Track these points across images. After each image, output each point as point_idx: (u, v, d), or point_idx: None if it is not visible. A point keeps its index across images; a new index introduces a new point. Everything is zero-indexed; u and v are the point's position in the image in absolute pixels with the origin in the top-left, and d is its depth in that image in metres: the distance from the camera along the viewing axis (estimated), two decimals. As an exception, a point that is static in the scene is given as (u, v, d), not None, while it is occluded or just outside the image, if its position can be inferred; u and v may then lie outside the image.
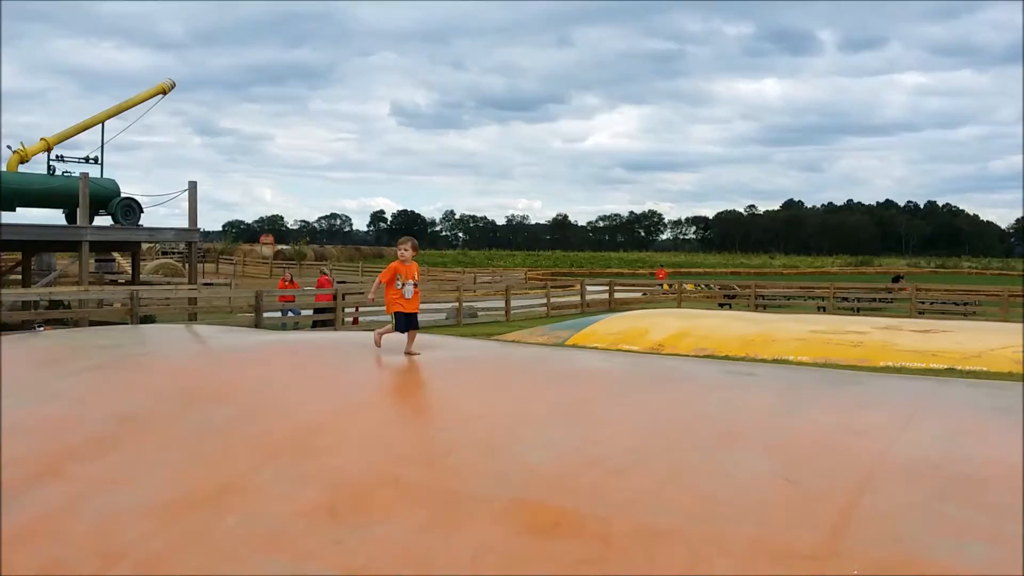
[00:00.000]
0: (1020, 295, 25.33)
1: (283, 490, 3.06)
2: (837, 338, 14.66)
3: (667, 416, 3.69)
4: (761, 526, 2.56)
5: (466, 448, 3.30)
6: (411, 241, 5.25)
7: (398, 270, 5.13)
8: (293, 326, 19.85)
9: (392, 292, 5.12)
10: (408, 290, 5.10)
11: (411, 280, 5.14)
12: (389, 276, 5.17)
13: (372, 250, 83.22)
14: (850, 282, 41.24)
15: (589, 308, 27.40)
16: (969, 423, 3.41)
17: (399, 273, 5.12)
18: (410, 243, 5.23)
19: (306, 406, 3.92)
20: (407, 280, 5.11)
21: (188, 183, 23.64)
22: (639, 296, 33.34)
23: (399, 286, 5.10)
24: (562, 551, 2.53)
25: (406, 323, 5.06)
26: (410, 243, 5.23)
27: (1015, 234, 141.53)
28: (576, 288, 30.46)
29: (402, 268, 5.13)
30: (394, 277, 5.13)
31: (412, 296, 5.10)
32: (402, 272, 5.12)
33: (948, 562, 2.31)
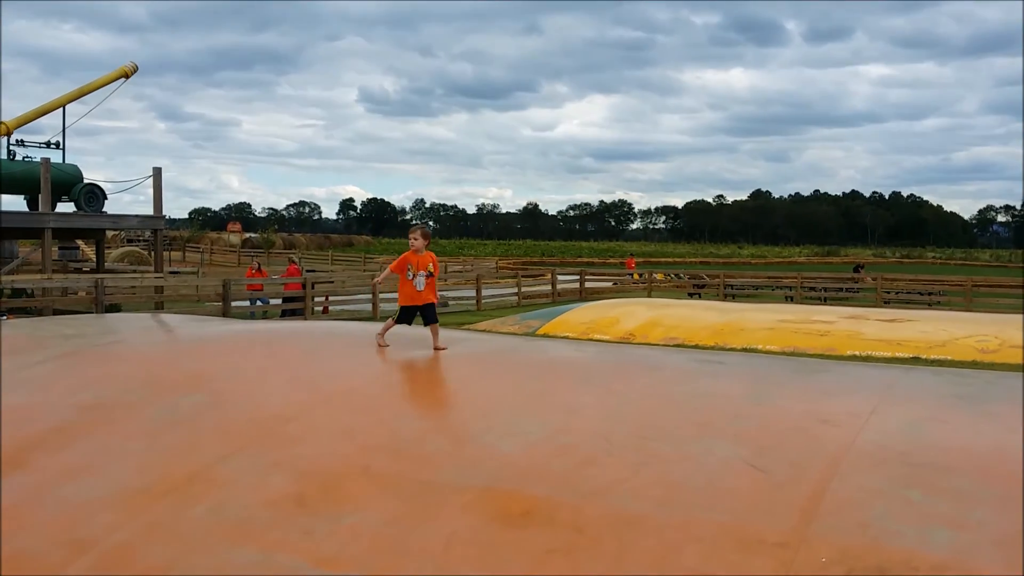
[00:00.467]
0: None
1: (251, 480, 3.03)
2: (805, 327, 14.83)
3: (637, 405, 3.71)
4: (730, 513, 2.58)
5: (437, 437, 3.29)
6: (421, 229, 5.04)
7: (409, 260, 4.92)
8: (262, 315, 19.67)
9: (405, 284, 4.92)
10: (420, 281, 4.88)
11: (423, 271, 4.91)
12: (400, 266, 4.96)
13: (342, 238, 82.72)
14: (817, 272, 41.73)
15: (560, 297, 27.48)
16: (934, 411, 3.46)
17: (410, 263, 4.91)
18: (420, 231, 5.01)
19: (275, 395, 3.89)
20: (419, 271, 4.90)
21: (152, 169, 23.34)
22: (610, 286, 33.48)
23: (410, 277, 4.90)
24: (533, 540, 2.53)
25: (424, 316, 4.87)
26: (420, 231, 5.01)
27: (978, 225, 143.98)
28: (547, 278, 30.52)
29: (414, 258, 4.91)
30: (406, 268, 4.93)
31: (425, 288, 4.89)
32: (413, 262, 4.90)
33: (913, 548, 2.35)
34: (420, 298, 4.89)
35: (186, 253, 52.95)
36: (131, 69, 25.87)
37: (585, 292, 29.25)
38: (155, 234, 25.15)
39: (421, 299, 4.89)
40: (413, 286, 4.89)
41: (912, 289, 28.54)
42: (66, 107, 24.45)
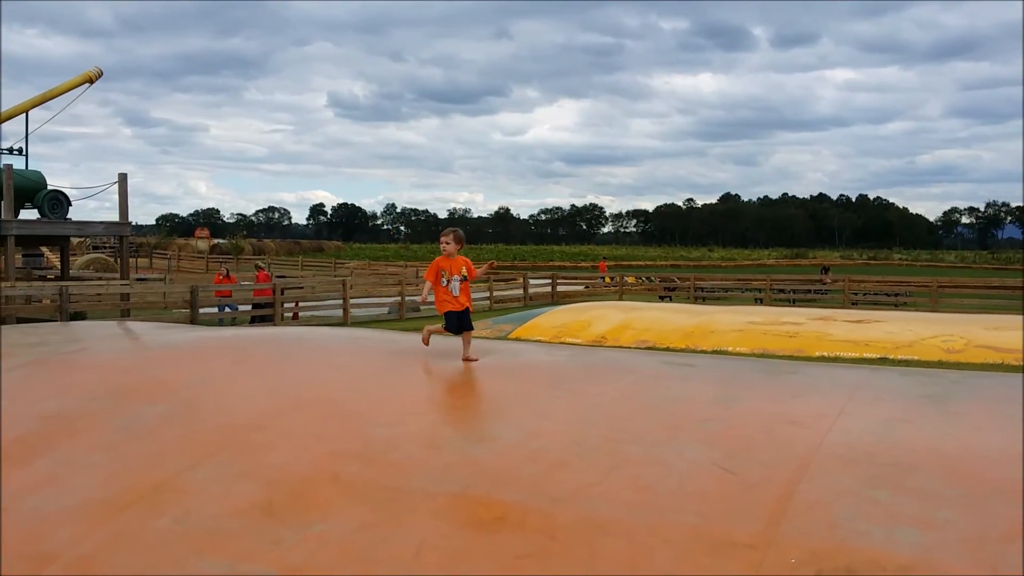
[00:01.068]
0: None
1: (219, 489, 2.99)
2: (774, 329, 14.96)
3: (608, 408, 3.71)
4: (701, 516, 2.59)
5: (407, 443, 3.26)
6: (454, 233, 4.84)
7: (441, 266, 4.75)
8: (230, 322, 19.47)
9: (440, 290, 4.77)
10: (455, 286, 4.74)
11: (457, 275, 4.75)
12: (433, 273, 4.79)
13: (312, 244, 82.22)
14: (786, 274, 42.12)
15: (532, 301, 27.49)
16: (901, 411, 3.50)
17: (443, 269, 4.75)
18: (452, 235, 4.82)
19: (243, 403, 3.84)
20: (452, 276, 4.74)
21: (118, 175, 23.02)
22: (581, 289, 33.56)
23: (444, 283, 4.74)
24: (505, 545, 2.52)
25: (458, 323, 4.72)
26: (452, 235, 4.82)
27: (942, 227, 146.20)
28: (519, 281, 30.52)
29: (446, 263, 4.75)
30: (439, 274, 4.76)
31: (460, 292, 4.75)
32: (446, 267, 4.75)
33: (881, 548, 2.36)
34: (457, 303, 4.74)
35: (153, 260, 52.36)
36: (96, 74, 25.49)
37: (557, 296, 29.28)
38: (121, 241, 24.80)
39: (459, 304, 4.74)
40: (449, 291, 4.74)
41: (879, 290, 28.89)
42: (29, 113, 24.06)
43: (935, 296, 25.62)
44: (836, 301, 26.26)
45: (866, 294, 28.04)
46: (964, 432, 3.26)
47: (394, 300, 23.51)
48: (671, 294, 30.90)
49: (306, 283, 27.53)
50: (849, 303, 25.57)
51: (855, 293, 27.46)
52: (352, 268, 47.62)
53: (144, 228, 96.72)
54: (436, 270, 4.77)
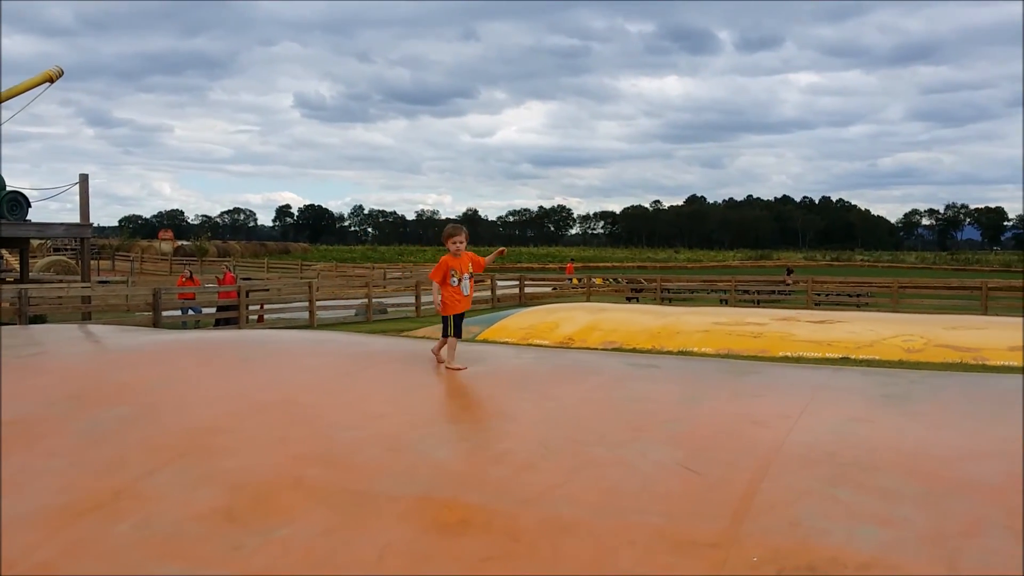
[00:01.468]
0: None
1: (179, 494, 2.95)
2: (738, 330, 15.10)
3: (574, 410, 3.72)
4: (664, 516, 2.60)
5: (371, 447, 3.25)
6: (464, 231, 4.76)
7: (451, 265, 4.65)
8: (194, 325, 19.24)
9: (448, 290, 4.65)
10: (465, 285, 4.65)
11: (467, 273, 4.67)
12: (441, 273, 4.66)
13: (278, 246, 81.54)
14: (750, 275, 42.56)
15: (499, 303, 27.48)
16: (861, 410, 3.55)
17: (452, 268, 4.65)
18: (464, 233, 4.74)
19: (205, 407, 3.80)
20: (462, 274, 4.64)
21: (79, 176, 22.64)
22: (549, 291, 33.63)
23: (455, 283, 4.63)
24: (469, 548, 2.51)
25: (458, 325, 4.61)
26: (464, 233, 4.74)
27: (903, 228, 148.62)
28: (486, 283, 30.51)
29: (454, 262, 4.66)
30: (447, 273, 4.65)
31: (469, 292, 4.68)
32: (456, 266, 4.66)
33: (841, 546, 2.39)
34: (465, 303, 4.66)
35: (115, 262, 51.58)
36: (56, 73, 25.03)
37: (525, 297, 29.31)
38: (82, 243, 24.39)
39: (465, 305, 4.66)
40: (459, 291, 4.64)
41: (841, 291, 29.29)
42: (-13, 112, 23.57)
43: (896, 296, 26.03)
44: (799, 302, 26.58)
45: (829, 295, 28.41)
46: (923, 431, 3.31)
47: (361, 302, 23.38)
48: (638, 295, 31.08)
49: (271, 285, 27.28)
50: (812, 304, 25.89)
51: (818, 294, 27.81)
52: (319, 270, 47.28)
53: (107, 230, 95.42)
54: (445, 270, 4.64)
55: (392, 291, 29.73)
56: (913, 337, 14.23)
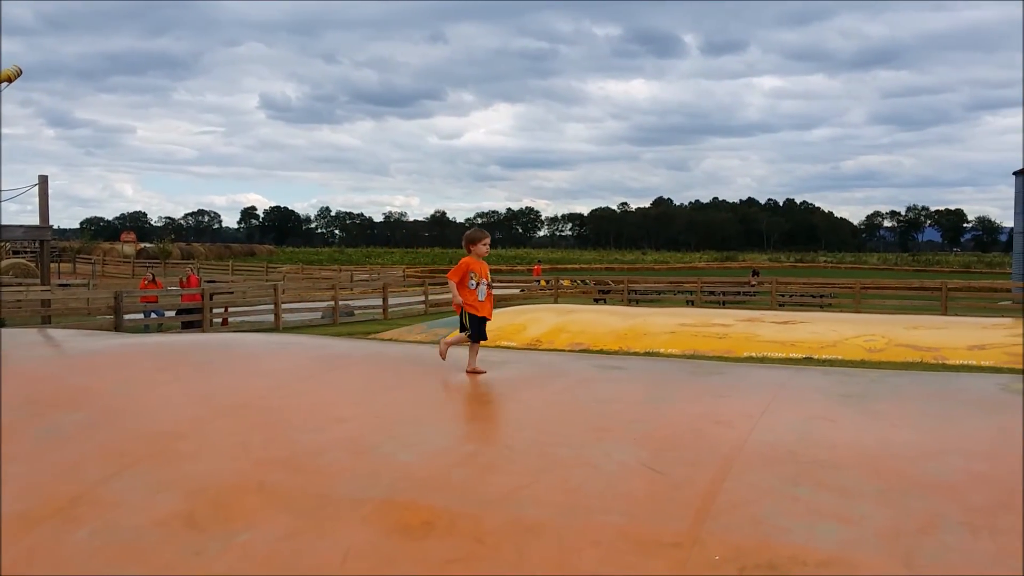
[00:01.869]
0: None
1: (139, 499, 2.91)
2: (704, 331, 15.22)
3: (539, 412, 3.72)
4: (628, 516, 2.61)
5: (335, 450, 3.22)
6: (489, 236, 4.65)
7: (472, 267, 4.51)
8: (157, 328, 18.97)
9: (465, 292, 4.52)
10: (482, 291, 4.51)
11: (485, 280, 4.55)
12: (461, 274, 4.51)
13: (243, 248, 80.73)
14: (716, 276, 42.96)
15: (467, 305, 27.43)
16: (822, 410, 3.59)
17: (472, 271, 4.50)
18: (488, 237, 4.62)
19: (166, 411, 3.75)
20: (481, 279, 4.52)
21: (39, 177, 22.23)
22: (517, 292, 33.65)
23: (472, 286, 4.51)
24: (433, 550, 2.51)
25: (480, 330, 4.49)
26: (488, 237, 4.62)
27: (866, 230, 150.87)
28: (454, 285, 30.43)
29: (476, 265, 4.52)
30: (467, 275, 4.50)
31: (486, 298, 4.55)
32: (476, 270, 4.51)
33: (801, 544, 2.42)
34: (483, 308, 4.53)
35: (77, 264, 50.71)
36: (15, 72, 24.56)
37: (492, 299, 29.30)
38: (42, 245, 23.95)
39: (484, 310, 4.53)
40: (475, 295, 4.52)
41: (805, 292, 29.65)
42: (-58, 111, 23.09)
43: (858, 297, 26.41)
44: (764, 303, 26.87)
45: (793, 295, 28.74)
46: (882, 429, 3.36)
47: (328, 305, 23.22)
48: (605, 297, 31.21)
49: (236, 288, 26.99)
50: (776, 304, 26.18)
51: (782, 295, 28.13)
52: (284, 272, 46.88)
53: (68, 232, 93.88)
54: (465, 271, 4.52)
55: (359, 293, 29.56)
56: (875, 337, 14.45)
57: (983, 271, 64.97)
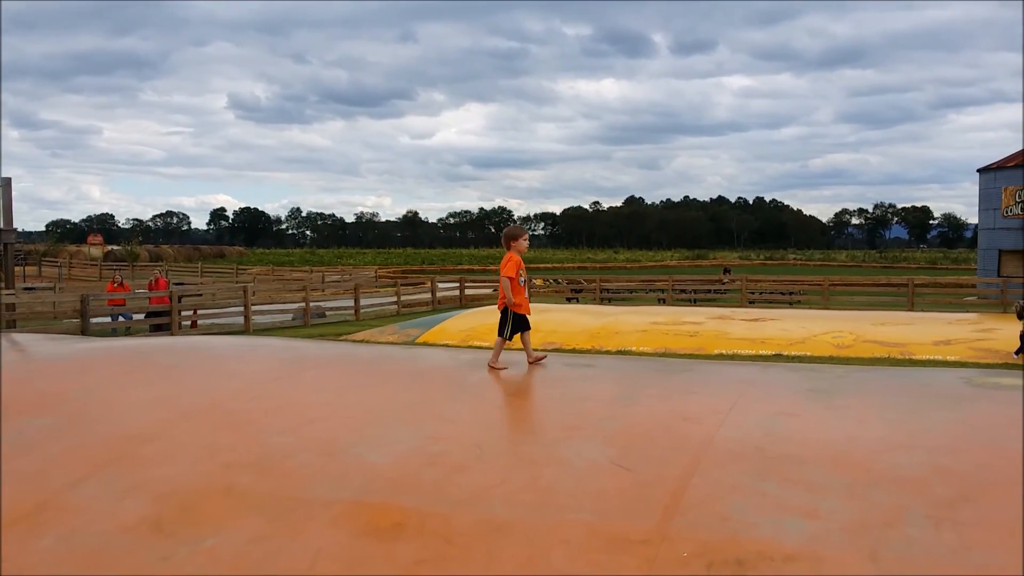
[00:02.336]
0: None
1: (106, 505, 2.88)
2: (675, 329, 15.32)
3: (510, 410, 3.73)
4: (597, 514, 2.63)
5: (305, 452, 3.21)
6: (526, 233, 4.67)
7: (520, 264, 4.55)
8: (124, 331, 18.73)
9: (518, 289, 4.54)
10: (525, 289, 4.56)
11: (526, 277, 4.57)
12: (516, 269, 4.52)
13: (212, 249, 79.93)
14: (687, 275, 43.25)
15: (440, 305, 27.39)
16: (788, 405, 3.63)
17: (521, 268, 4.55)
18: (528, 233, 4.65)
19: (133, 415, 3.71)
20: (526, 276, 4.56)
21: (1, 179, 21.88)
22: (490, 292, 33.64)
23: (522, 283, 4.53)
24: (402, 551, 2.50)
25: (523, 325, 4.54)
26: (528, 233, 4.65)
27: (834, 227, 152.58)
28: (427, 285, 30.39)
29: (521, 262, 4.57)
30: (518, 273, 4.53)
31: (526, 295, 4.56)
32: (522, 267, 4.57)
33: (768, 539, 2.45)
34: (526, 306, 4.56)
35: (43, 268, 49.92)
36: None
37: (465, 299, 29.27)
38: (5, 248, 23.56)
39: (527, 307, 4.56)
40: (523, 292, 4.55)
41: (774, 289, 29.92)
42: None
43: (827, 294, 26.69)
44: (734, 300, 27.08)
45: (763, 293, 28.98)
46: (848, 424, 3.40)
47: (298, 306, 23.05)
48: (578, 296, 31.29)
49: (205, 290, 26.71)
50: (746, 302, 26.39)
51: (752, 292, 28.36)
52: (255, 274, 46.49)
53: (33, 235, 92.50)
54: (519, 267, 4.53)
55: (331, 295, 29.40)
56: (843, 333, 14.63)
57: (949, 267, 65.98)
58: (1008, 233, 31.01)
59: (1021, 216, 30.54)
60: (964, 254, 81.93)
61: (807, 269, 67.09)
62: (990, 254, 31.87)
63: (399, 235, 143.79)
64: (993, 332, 14.67)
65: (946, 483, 2.73)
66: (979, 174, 32.82)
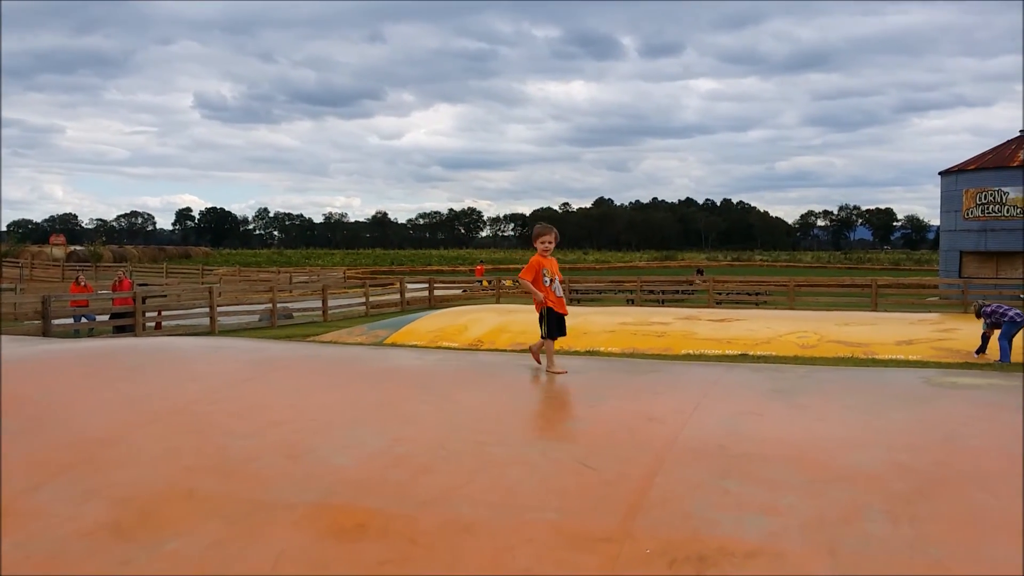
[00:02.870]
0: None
1: (64, 510, 2.84)
2: (643, 329, 15.41)
3: (475, 411, 3.73)
4: (561, 513, 2.64)
5: (267, 455, 3.18)
6: (554, 231, 4.60)
7: (543, 264, 4.52)
8: (88, 333, 18.46)
9: (545, 290, 4.51)
10: (558, 287, 4.52)
11: (557, 277, 4.53)
12: (533, 272, 4.52)
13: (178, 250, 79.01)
14: (656, 275, 43.51)
15: (409, 306, 27.31)
16: (751, 405, 3.67)
17: (545, 268, 4.51)
18: (554, 232, 4.59)
19: (92, 418, 3.65)
20: (554, 275, 4.50)
21: (-38, 179, 21.46)
22: (459, 293, 33.60)
23: (546, 283, 4.49)
24: (366, 553, 2.50)
25: (560, 327, 4.47)
26: (554, 232, 4.59)
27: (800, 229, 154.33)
28: (396, 286, 30.28)
29: (545, 261, 4.54)
30: (539, 273, 4.51)
31: (560, 296, 4.51)
32: (547, 266, 4.52)
33: (729, 535, 2.48)
34: (561, 306, 4.49)
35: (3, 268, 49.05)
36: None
37: (434, 300, 29.21)
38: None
39: (560, 307, 4.49)
40: (553, 291, 4.49)
41: (741, 290, 30.22)
42: None
43: (792, 295, 27.01)
44: (702, 301, 27.31)
45: (729, 294, 29.26)
46: (808, 423, 3.45)
47: (265, 307, 22.86)
48: (547, 297, 31.33)
49: (170, 291, 26.39)
50: (714, 303, 26.63)
51: (719, 293, 28.62)
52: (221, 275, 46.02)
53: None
54: (538, 269, 4.52)
55: (298, 295, 29.19)
56: (807, 334, 14.81)
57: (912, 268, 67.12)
58: (969, 235, 31.61)
59: (982, 218, 31.15)
60: (927, 255, 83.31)
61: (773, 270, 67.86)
62: (951, 255, 32.45)
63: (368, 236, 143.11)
64: (954, 332, 14.94)
65: (903, 480, 2.77)
66: (941, 177, 33.41)
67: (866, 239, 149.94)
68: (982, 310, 13.25)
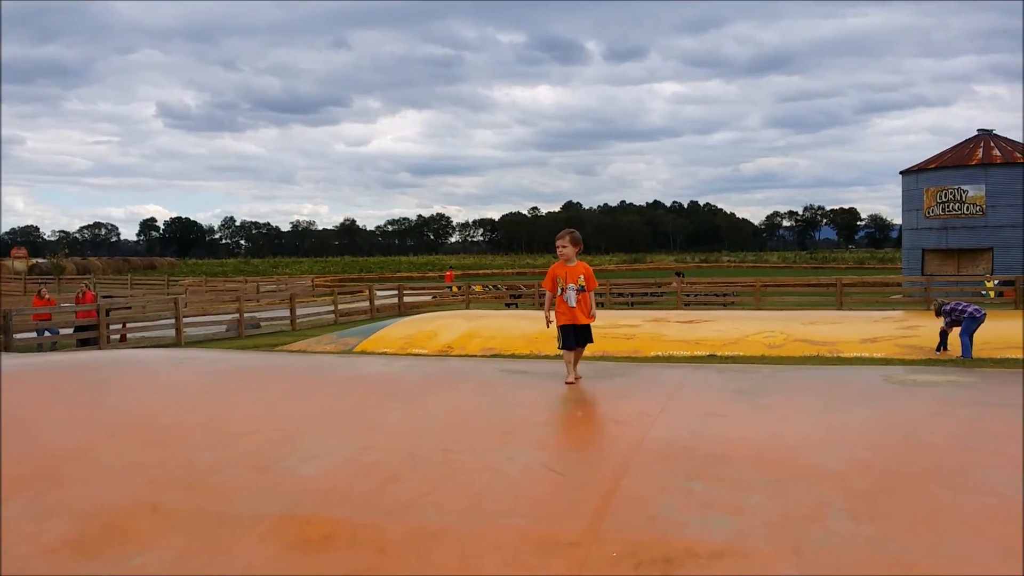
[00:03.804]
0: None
1: (27, 527, 2.80)
2: (613, 332, 15.46)
3: (443, 418, 3.73)
4: (529, 518, 2.65)
5: (233, 467, 3.16)
6: (570, 235, 4.47)
7: (557, 272, 4.43)
8: (51, 347, 18.15)
9: (559, 301, 4.43)
10: (571, 296, 4.37)
11: (573, 284, 4.38)
12: (551, 282, 4.44)
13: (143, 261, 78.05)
14: (625, 278, 43.75)
15: (379, 313, 27.18)
16: (716, 406, 3.71)
17: (558, 276, 4.42)
18: (569, 236, 4.45)
19: (55, 433, 3.60)
20: (568, 284, 4.38)
21: (-82, 192, 21.03)
22: (429, 299, 33.51)
23: (560, 292, 4.40)
24: (333, 563, 2.49)
25: (575, 337, 4.35)
26: (569, 236, 4.45)
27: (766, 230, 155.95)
28: (365, 294, 30.13)
29: (562, 270, 4.42)
30: (555, 282, 4.43)
31: (577, 303, 4.37)
32: (562, 274, 4.41)
33: (696, 536, 2.50)
34: (574, 316, 4.36)
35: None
36: None
37: (404, 307, 29.12)
38: (-78, 263, 22.63)
39: (576, 316, 4.36)
40: (564, 301, 4.39)
41: (709, 291, 30.46)
42: None
43: (759, 295, 27.28)
44: (670, 303, 27.48)
45: (697, 295, 29.48)
46: (772, 422, 3.49)
47: (232, 317, 22.64)
48: (517, 302, 31.38)
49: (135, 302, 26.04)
50: (682, 304, 26.81)
51: (687, 295, 28.82)
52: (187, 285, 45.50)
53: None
54: (553, 278, 4.44)
55: (266, 305, 28.94)
56: (774, 333, 14.97)
57: (876, 267, 68.11)
58: (930, 233, 32.17)
59: (942, 216, 31.71)
60: (890, 254, 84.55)
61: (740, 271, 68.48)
62: (914, 253, 33.00)
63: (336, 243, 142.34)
64: (917, 329, 15.18)
65: (865, 477, 2.82)
66: (902, 176, 33.96)
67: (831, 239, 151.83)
68: (942, 308, 13.49)
